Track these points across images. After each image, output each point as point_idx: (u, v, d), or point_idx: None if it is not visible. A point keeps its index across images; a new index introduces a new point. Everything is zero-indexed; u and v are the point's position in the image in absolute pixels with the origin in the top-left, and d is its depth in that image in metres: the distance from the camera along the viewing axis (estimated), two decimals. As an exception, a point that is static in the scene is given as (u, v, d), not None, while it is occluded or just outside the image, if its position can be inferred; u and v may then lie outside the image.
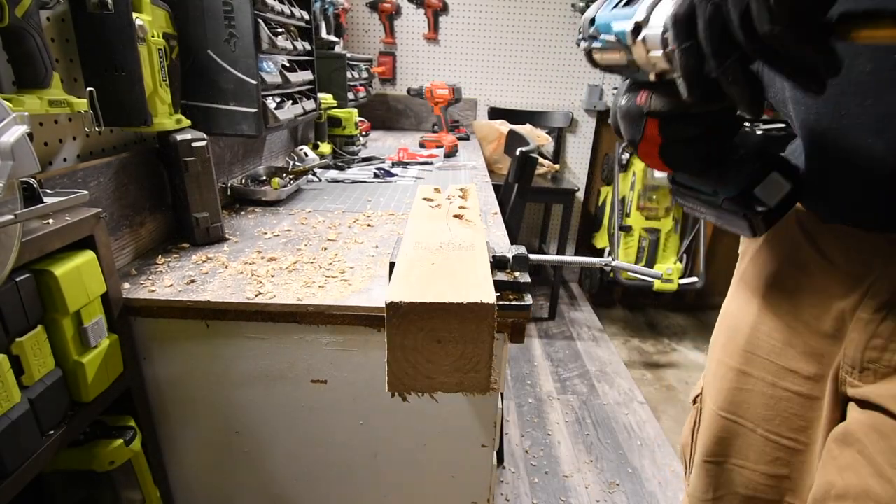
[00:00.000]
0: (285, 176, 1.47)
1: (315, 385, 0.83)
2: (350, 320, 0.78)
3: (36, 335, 0.58)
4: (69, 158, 0.81)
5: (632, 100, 0.46)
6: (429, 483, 0.90)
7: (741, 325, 0.63)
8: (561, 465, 1.68)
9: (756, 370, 0.60)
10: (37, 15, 0.65)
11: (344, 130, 1.95)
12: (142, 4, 0.81)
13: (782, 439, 0.59)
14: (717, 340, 0.69)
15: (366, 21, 2.80)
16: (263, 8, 1.03)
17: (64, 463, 0.68)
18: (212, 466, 0.90)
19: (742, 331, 0.62)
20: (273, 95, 1.17)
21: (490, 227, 1.16)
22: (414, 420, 0.85)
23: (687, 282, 2.56)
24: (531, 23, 2.79)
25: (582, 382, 2.16)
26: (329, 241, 1.04)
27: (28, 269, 0.58)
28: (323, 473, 0.90)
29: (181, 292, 0.79)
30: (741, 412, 0.62)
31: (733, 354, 0.63)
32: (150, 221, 0.97)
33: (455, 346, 0.53)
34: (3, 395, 0.54)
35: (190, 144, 0.92)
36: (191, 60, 0.99)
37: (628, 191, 2.68)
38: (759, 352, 0.60)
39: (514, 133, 1.97)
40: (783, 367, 0.57)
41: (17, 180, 0.50)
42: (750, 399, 0.61)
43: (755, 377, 0.60)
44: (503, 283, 0.68)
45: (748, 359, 0.61)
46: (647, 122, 0.45)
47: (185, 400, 0.84)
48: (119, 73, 0.78)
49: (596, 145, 3.05)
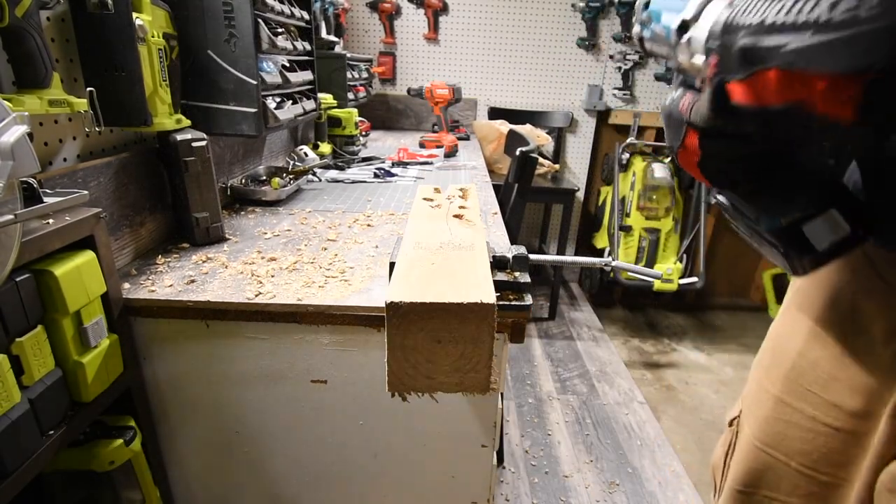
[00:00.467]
0: (285, 176, 1.47)
1: (315, 385, 0.83)
2: (350, 320, 0.78)
3: (36, 335, 0.58)
4: (69, 158, 0.81)
5: (676, 102, 0.41)
6: (429, 483, 0.90)
7: (788, 350, 0.58)
8: (561, 465, 1.68)
9: (797, 401, 0.56)
10: (37, 15, 0.65)
11: (344, 130, 1.95)
12: (142, 4, 0.81)
13: (819, 475, 0.55)
14: (761, 362, 0.65)
15: (366, 21, 2.80)
16: (263, 8, 1.03)
17: (64, 463, 0.68)
18: (212, 466, 0.90)
19: (788, 356, 0.58)
20: (273, 95, 1.17)
21: (490, 227, 1.16)
22: (414, 420, 0.85)
23: (687, 282, 2.56)
24: (531, 23, 2.79)
25: (582, 382, 2.16)
26: (329, 241, 1.04)
27: (28, 269, 0.58)
28: (323, 473, 0.90)
29: (181, 292, 0.79)
30: (778, 445, 0.58)
31: (776, 381, 0.59)
32: (150, 221, 0.97)
33: (455, 346, 0.53)
34: (3, 395, 0.54)
35: (190, 144, 0.92)
36: (191, 60, 0.99)
37: (628, 191, 2.68)
38: (803, 381, 0.55)
39: (514, 133, 1.97)
40: (827, 400, 0.53)
41: (17, 180, 0.50)
42: (788, 431, 0.57)
43: (795, 408, 0.56)
44: (503, 283, 0.68)
45: (791, 388, 0.57)
46: (688, 131, 0.40)
47: (184, 400, 0.84)
48: (119, 73, 0.78)
49: (596, 145, 3.05)
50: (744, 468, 0.62)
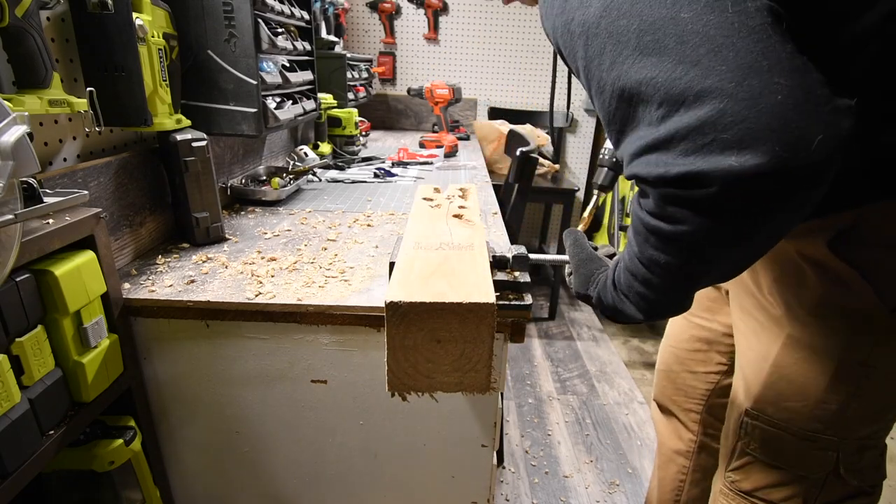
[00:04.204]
0: (285, 176, 1.47)
1: (315, 385, 0.83)
2: (350, 320, 0.78)
3: (36, 335, 0.58)
4: (69, 158, 0.81)
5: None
6: (429, 483, 0.90)
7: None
8: (561, 466, 1.68)
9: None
10: (37, 15, 0.65)
11: (344, 130, 1.95)
12: (142, 4, 0.81)
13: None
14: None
15: (366, 21, 2.80)
16: (263, 8, 1.03)
17: (64, 463, 0.68)
18: (212, 466, 0.90)
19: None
20: (273, 95, 1.17)
21: (490, 227, 1.16)
22: (414, 420, 0.85)
23: (687, 282, 2.55)
24: (531, 23, 2.79)
25: (582, 382, 2.16)
26: (329, 241, 1.04)
27: (28, 269, 0.58)
28: (323, 473, 0.90)
29: (181, 292, 0.79)
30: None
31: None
32: (150, 221, 0.97)
33: (455, 346, 0.53)
34: (3, 395, 0.54)
35: (190, 144, 0.92)
36: (191, 60, 0.99)
37: (628, 191, 2.68)
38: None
39: (514, 133, 1.97)
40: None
41: (18, 180, 0.50)
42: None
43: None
44: (503, 283, 0.68)
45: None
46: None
47: (185, 400, 0.84)
48: (119, 73, 0.78)
49: (596, 145, 3.05)
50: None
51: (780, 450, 0.71)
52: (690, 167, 0.39)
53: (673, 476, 1.06)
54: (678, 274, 0.47)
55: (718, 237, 0.43)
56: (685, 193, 0.41)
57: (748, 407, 0.74)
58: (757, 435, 0.73)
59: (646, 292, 0.51)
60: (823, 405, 0.66)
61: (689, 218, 0.42)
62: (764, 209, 0.40)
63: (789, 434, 0.70)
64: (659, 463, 1.09)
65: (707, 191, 0.39)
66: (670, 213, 0.43)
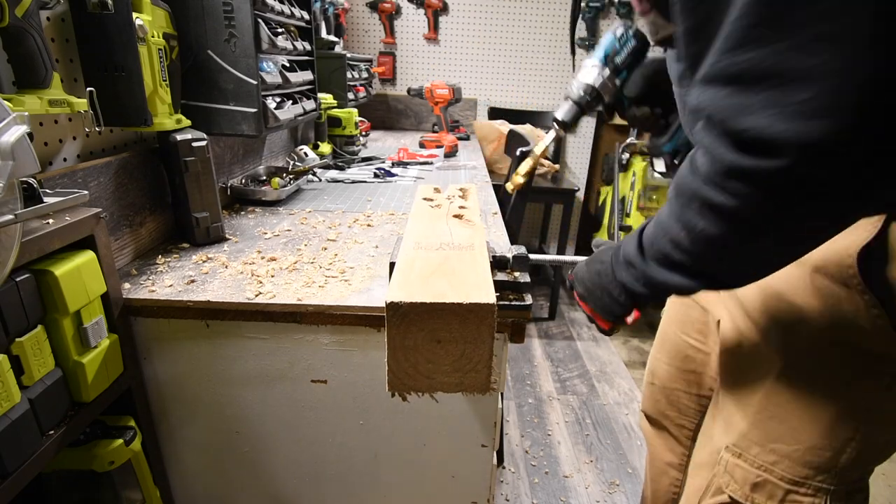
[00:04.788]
0: (285, 176, 1.47)
1: (315, 385, 0.83)
2: (350, 320, 0.78)
3: (36, 335, 0.58)
4: (69, 158, 0.81)
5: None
6: (429, 483, 0.90)
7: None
8: (561, 466, 1.68)
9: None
10: (37, 15, 0.65)
11: (344, 130, 1.95)
12: (142, 4, 0.81)
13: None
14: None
15: (366, 21, 2.80)
16: (263, 8, 1.03)
17: (64, 463, 0.68)
18: (212, 466, 0.90)
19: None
20: (273, 95, 1.17)
21: (490, 227, 1.16)
22: (414, 420, 0.85)
23: (687, 282, 2.55)
24: (531, 23, 2.79)
25: (582, 382, 2.16)
26: (329, 241, 1.04)
27: (28, 269, 0.58)
28: (323, 473, 0.90)
29: (181, 292, 0.79)
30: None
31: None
32: (150, 221, 0.96)
33: (455, 346, 0.53)
34: (3, 395, 0.54)
35: (190, 144, 0.92)
36: (191, 60, 0.99)
37: (628, 191, 2.68)
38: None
39: (514, 133, 1.96)
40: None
41: (18, 180, 0.50)
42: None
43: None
44: (503, 283, 0.68)
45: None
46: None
47: (185, 400, 0.84)
48: (119, 73, 0.78)
49: (596, 145, 3.05)
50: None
51: (762, 492, 0.66)
52: (765, 129, 0.35)
53: (666, 489, 1.04)
54: (716, 244, 0.44)
55: (772, 219, 0.40)
56: (750, 164, 0.37)
57: (729, 443, 0.68)
58: (738, 476, 0.67)
59: (671, 253, 0.48)
60: (818, 451, 0.60)
61: (750, 194, 0.39)
62: (822, 191, 0.37)
63: (774, 477, 0.64)
64: (651, 475, 1.07)
65: (778, 162, 0.36)
66: (729, 187, 0.40)
